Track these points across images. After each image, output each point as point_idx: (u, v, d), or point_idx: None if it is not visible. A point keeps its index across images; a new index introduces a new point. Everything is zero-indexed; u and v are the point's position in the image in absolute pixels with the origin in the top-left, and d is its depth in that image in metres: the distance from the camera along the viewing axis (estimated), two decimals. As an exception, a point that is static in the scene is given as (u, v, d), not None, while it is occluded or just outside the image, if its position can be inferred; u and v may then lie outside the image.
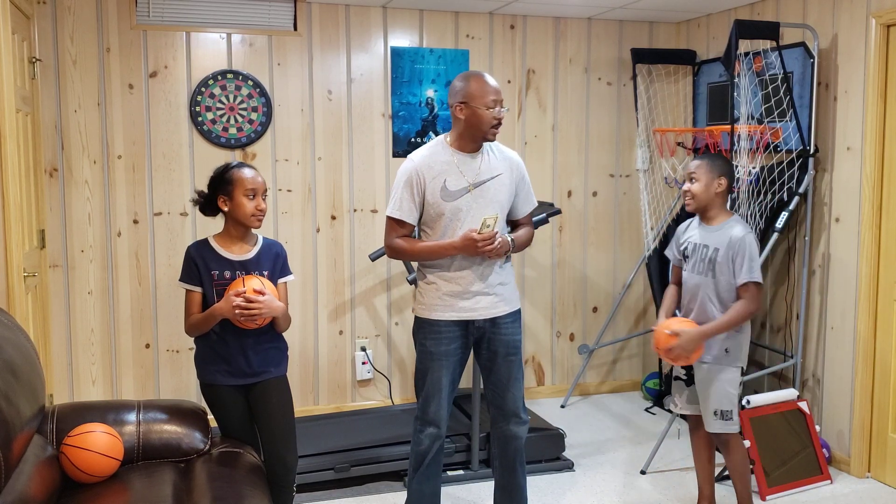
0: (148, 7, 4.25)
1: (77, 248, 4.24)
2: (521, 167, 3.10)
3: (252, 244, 2.92)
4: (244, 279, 2.80)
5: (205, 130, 4.36)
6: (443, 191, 2.93)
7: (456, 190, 2.94)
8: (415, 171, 2.96)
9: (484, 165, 2.99)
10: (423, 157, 2.99)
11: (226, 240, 2.89)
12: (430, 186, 2.94)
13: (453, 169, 2.95)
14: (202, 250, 2.87)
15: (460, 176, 2.94)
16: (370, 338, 4.78)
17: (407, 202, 2.97)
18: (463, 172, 2.95)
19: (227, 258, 2.86)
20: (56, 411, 2.70)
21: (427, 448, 3.09)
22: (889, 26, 3.68)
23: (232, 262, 2.86)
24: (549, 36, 4.94)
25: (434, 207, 2.95)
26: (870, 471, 3.89)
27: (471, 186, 2.94)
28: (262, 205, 2.85)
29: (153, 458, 2.73)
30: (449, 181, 2.94)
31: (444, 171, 2.94)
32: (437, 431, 3.07)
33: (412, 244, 2.99)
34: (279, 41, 4.47)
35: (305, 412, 4.48)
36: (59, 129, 4.16)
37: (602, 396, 5.22)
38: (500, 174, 3.00)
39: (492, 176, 2.98)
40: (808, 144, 4.01)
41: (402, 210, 2.97)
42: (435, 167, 2.95)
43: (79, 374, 4.31)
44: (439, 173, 2.94)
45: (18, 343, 2.43)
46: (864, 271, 3.80)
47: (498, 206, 2.98)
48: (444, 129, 4.80)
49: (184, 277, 2.89)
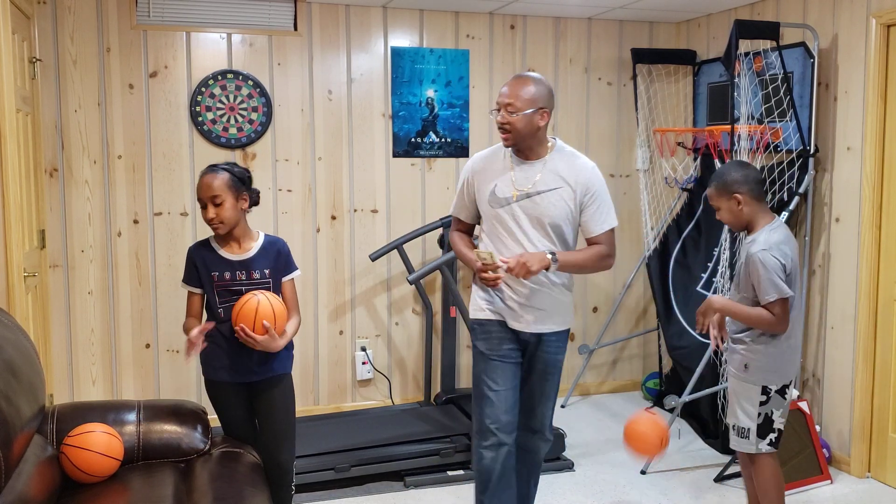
0: (148, 7, 4.25)
1: (77, 248, 4.24)
2: (590, 183, 2.81)
3: (252, 242, 2.90)
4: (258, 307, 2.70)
5: (205, 130, 4.36)
6: (491, 196, 2.82)
7: (503, 197, 2.80)
8: (469, 172, 2.93)
9: (543, 175, 2.79)
10: (480, 159, 2.92)
11: (224, 239, 2.88)
12: (481, 190, 2.86)
13: (506, 175, 2.81)
14: (202, 251, 2.87)
15: (510, 183, 2.80)
16: (370, 338, 4.78)
17: (460, 200, 2.98)
18: (515, 180, 2.80)
19: (227, 258, 2.85)
20: (56, 411, 2.70)
21: (489, 464, 2.85)
22: (889, 26, 3.68)
23: (231, 263, 2.85)
24: (549, 36, 4.94)
25: (483, 211, 2.89)
26: (870, 471, 3.88)
27: (518, 196, 2.78)
28: (210, 214, 2.78)
29: (153, 458, 2.73)
30: (499, 187, 2.81)
31: (496, 175, 2.83)
32: (496, 440, 2.83)
33: (458, 244, 2.98)
34: (279, 41, 4.47)
35: (305, 412, 4.48)
36: (59, 129, 4.16)
37: (602, 396, 5.22)
38: (558, 188, 2.77)
39: (547, 188, 2.77)
40: (809, 144, 4.01)
41: (456, 207, 3.00)
42: (489, 170, 2.86)
43: (79, 374, 4.31)
44: (491, 177, 2.84)
45: (18, 343, 2.43)
46: (864, 271, 3.80)
47: (548, 221, 2.78)
48: (444, 130, 4.80)
49: (185, 278, 2.90)
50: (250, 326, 2.69)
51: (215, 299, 2.84)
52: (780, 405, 2.95)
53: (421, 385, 4.88)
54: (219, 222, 2.80)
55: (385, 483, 3.82)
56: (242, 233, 2.89)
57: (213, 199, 2.78)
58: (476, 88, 4.82)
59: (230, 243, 2.88)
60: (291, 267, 2.96)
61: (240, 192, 2.84)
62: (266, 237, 2.94)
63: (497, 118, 2.76)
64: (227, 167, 2.87)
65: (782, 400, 2.95)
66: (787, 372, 2.95)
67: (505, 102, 2.73)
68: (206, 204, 2.79)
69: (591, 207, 2.81)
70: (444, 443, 3.92)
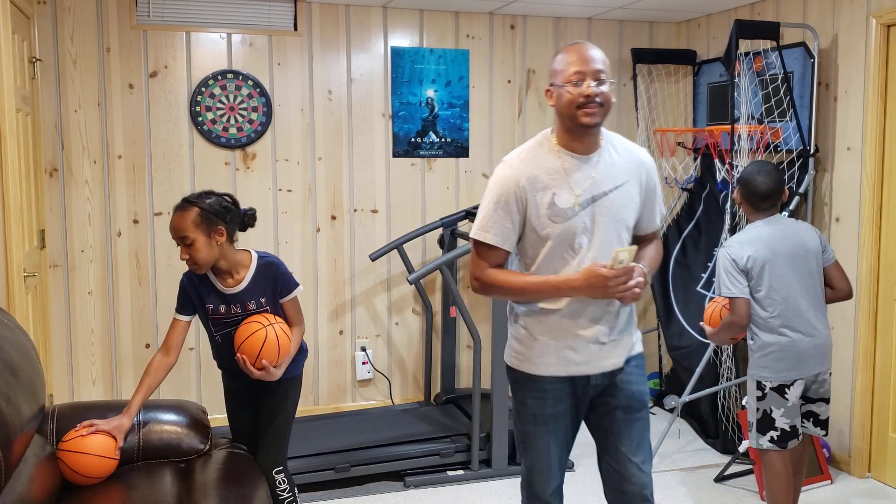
0: (148, 7, 4.25)
1: (77, 248, 4.24)
2: (652, 171, 2.39)
3: (244, 272, 2.71)
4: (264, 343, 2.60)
5: (205, 130, 4.36)
6: (551, 209, 2.24)
7: (567, 207, 2.24)
8: (514, 183, 2.25)
9: (602, 170, 2.28)
10: (525, 163, 2.28)
11: (217, 269, 2.71)
12: (535, 203, 2.25)
13: (562, 178, 2.25)
14: (194, 279, 2.73)
15: (571, 186, 2.25)
16: (370, 338, 4.78)
17: (502, 222, 2.26)
18: (574, 183, 2.25)
19: (220, 291, 2.71)
20: (56, 411, 2.70)
21: None
22: (889, 26, 3.68)
23: (225, 296, 2.71)
24: (549, 36, 4.94)
25: (538, 230, 2.26)
26: (870, 471, 3.88)
27: (582, 202, 2.25)
28: (183, 255, 2.61)
29: (153, 458, 2.73)
30: (559, 196, 2.24)
31: (552, 181, 2.25)
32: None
33: (511, 279, 2.30)
34: (279, 41, 4.47)
35: (305, 412, 4.48)
36: (59, 129, 4.16)
37: (602, 396, 5.22)
38: (624, 182, 2.30)
39: (614, 185, 2.28)
40: (809, 144, 4.01)
41: (495, 232, 2.27)
42: (541, 177, 2.25)
43: (79, 374, 4.31)
44: (547, 185, 2.25)
45: (18, 343, 2.43)
46: (864, 271, 3.80)
47: (623, 226, 2.30)
48: (444, 129, 4.79)
49: (178, 308, 2.76)
50: (251, 360, 2.62)
51: (211, 329, 2.78)
52: (781, 404, 2.95)
53: (421, 385, 4.88)
54: (193, 264, 2.63)
55: (385, 483, 3.82)
56: (230, 265, 2.70)
57: (182, 240, 2.59)
58: (476, 88, 4.82)
59: (222, 275, 2.71)
60: (290, 287, 2.77)
61: (212, 227, 2.61)
62: (258, 261, 2.74)
63: (584, 89, 2.18)
64: (197, 200, 2.63)
65: (782, 399, 2.95)
66: (781, 371, 2.95)
67: (596, 69, 2.20)
68: (179, 243, 2.61)
69: (652, 201, 2.41)
70: (444, 443, 3.92)
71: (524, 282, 2.29)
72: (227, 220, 2.66)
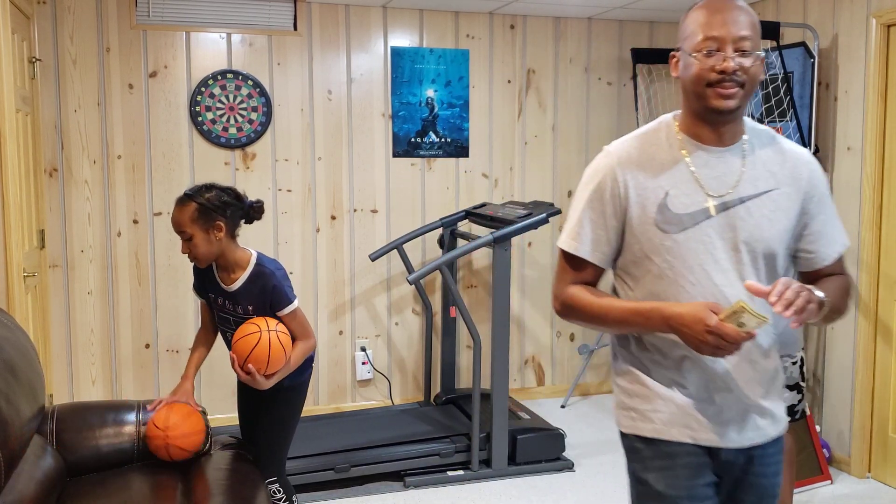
0: (148, 7, 4.25)
1: (77, 248, 4.24)
2: (817, 178, 1.78)
3: (240, 273, 2.65)
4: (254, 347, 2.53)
5: (205, 130, 4.36)
6: (662, 213, 1.68)
7: (687, 213, 1.67)
8: (612, 176, 1.72)
9: (747, 168, 1.70)
10: (631, 150, 1.73)
11: (218, 264, 2.69)
12: (640, 203, 1.70)
13: (684, 172, 1.69)
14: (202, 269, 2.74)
15: (696, 186, 1.69)
16: (370, 338, 4.78)
17: (592, 229, 1.74)
18: (702, 179, 1.69)
19: (220, 285, 2.69)
20: (56, 411, 2.70)
21: None
22: (889, 26, 3.68)
23: (223, 291, 2.69)
24: (549, 36, 4.94)
25: (643, 240, 1.70)
26: (870, 471, 3.88)
27: (715, 206, 1.68)
28: (182, 249, 2.60)
29: (152, 458, 2.72)
30: (675, 195, 1.68)
31: (667, 176, 1.69)
32: None
33: (594, 300, 1.73)
34: (279, 41, 4.47)
35: (305, 412, 4.47)
36: (58, 129, 4.16)
37: (602, 396, 5.22)
38: (772, 189, 1.71)
39: (758, 191, 1.69)
40: (809, 144, 4.01)
41: (583, 241, 1.74)
42: (651, 170, 1.70)
43: (79, 374, 4.31)
44: (659, 180, 1.69)
45: (18, 343, 2.42)
46: (864, 271, 3.80)
47: (762, 247, 1.69)
48: (444, 129, 4.79)
49: (194, 286, 2.81)
50: (239, 361, 2.55)
51: (216, 319, 2.79)
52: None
53: (421, 385, 4.88)
54: (193, 258, 2.62)
55: (385, 483, 3.82)
56: (228, 263, 2.65)
57: (181, 234, 2.58)
58: (476, 88, 4.82)
59: (222, 270, 2.68)
60: (283, 301, 2.64)
61: (211, 223, 2.57)
62: (255, 267, 2.65)
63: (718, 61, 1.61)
64: (195, 194, 2.59)
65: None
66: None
67: (738, 35, 1.61)
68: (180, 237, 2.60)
69: (820, 219, 1.77)
70: (444, 443, 3.92)
71: (608, 305, 1.71)
72: (227, 215, 2.60)
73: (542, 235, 4.96)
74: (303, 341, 2.69)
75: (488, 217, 4.24)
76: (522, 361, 5.08)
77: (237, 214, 2.65)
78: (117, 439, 2.70)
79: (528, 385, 5.09)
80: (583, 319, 1.76)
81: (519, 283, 4.99)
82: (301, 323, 2.69)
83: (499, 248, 3.84)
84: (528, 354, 5.08)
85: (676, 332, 1.59)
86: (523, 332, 5.06)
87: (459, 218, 4.62)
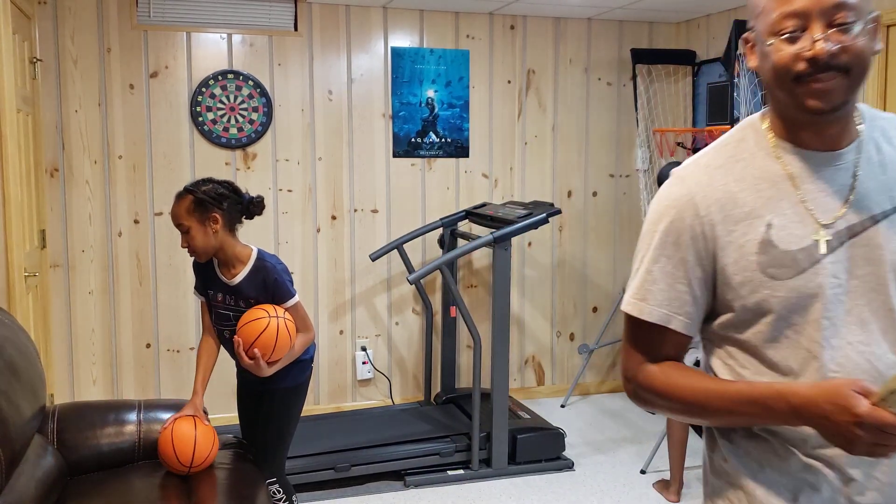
0: (149, 7, 4.26)
1: (78, 247, 4.25)
2: None
3: (241, 267, 2.67)
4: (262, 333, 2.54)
5: (205, 130, 4.37)
6: (767, 252, 1.22)
7: (799, 249, 1.21)
8: (690, 212, 1.26)
9: (865, 178, 1.25)
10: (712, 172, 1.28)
11: (218, 258, 2.71)
12: (734, 244, 1.24)
13: (786, 194, 1.24)
14: (202, 265, 2.75)
15: (803, 209, 1.23)
16: (370, 338, 4.78)
17: (669, 283, 1.27)
18: (809, 200, 1.23)
19: (220, 280, 2.71)
20: (57, 411, 2.70)
21: None
22: (889, 26, 3.68)
23: (225, 285, 2.70)
24: (549, 36, 4.94)
25: (744, 293, 1.24)
26: (869, 471, 3.88)
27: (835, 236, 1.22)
28: (182, 243, 2.62)
29: (153, 458, 2.73)
30: (780, 225, 1.23)
31: (766, 201, 1.24)
32: None
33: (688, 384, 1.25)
34: (279, 41, 4.48)
35: (305, 412, 4.47)
36: (59, 129, 4.17)
37: (602, 396, 5.23)
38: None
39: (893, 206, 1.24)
40: (808, 144, 4.00)
41: (656, 301, 1.28)
42: (743, 195, 1.25)
43: (79, 373, 4.31)
44: (755, 209, 1.24)
45: (19, 343, 2.43)
46: (863, 271, 3.80)
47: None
48: (444, 130, 4.79)
49: (195, 287, 2.82)
50: (245, 345, 2.56)
51: (212, 317, 2.78)
52: None
53: (421, 385, 4.89)
54: (192, 252, 2.63)
55: (385, 483, 3.82)
56: (228, 258, 2.67)
57: (179, 227, 2.60)
58: (476, 88, 4.82)
59: (222, 265, 2.70)
60: (284, 296, 2.67)
61: (207, 214, 2.59)
62: (256, 261, 2.68)
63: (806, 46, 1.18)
64: (193, 187, 2.61)
65: None
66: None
67: (829, 4, 1.17)
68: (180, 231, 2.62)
69: None
70: (444, 443, 3.92)
71: (705, 389, 1.23)
72: (224, 206, 2.61)
73: (542, 235, 4.97)
74: (303, 333, 2.74)
75: (488, 217, 4.25)
76: (522, 361, 5.09)
77: (235, 207, 2.67)
78: (118, 439, 2.71)
79: (528, 385, 5.09)
80: (670, 410, 1.29)
81: (519, 282, 4.99)
82: (302, 317, 2.73)
83: (499, 248, 3.85)
84: (528, 354, 5.09)
85: (811, 426, 1.13)
86: (523, 332, 5.06)
87: (459, 218, 4.62)
